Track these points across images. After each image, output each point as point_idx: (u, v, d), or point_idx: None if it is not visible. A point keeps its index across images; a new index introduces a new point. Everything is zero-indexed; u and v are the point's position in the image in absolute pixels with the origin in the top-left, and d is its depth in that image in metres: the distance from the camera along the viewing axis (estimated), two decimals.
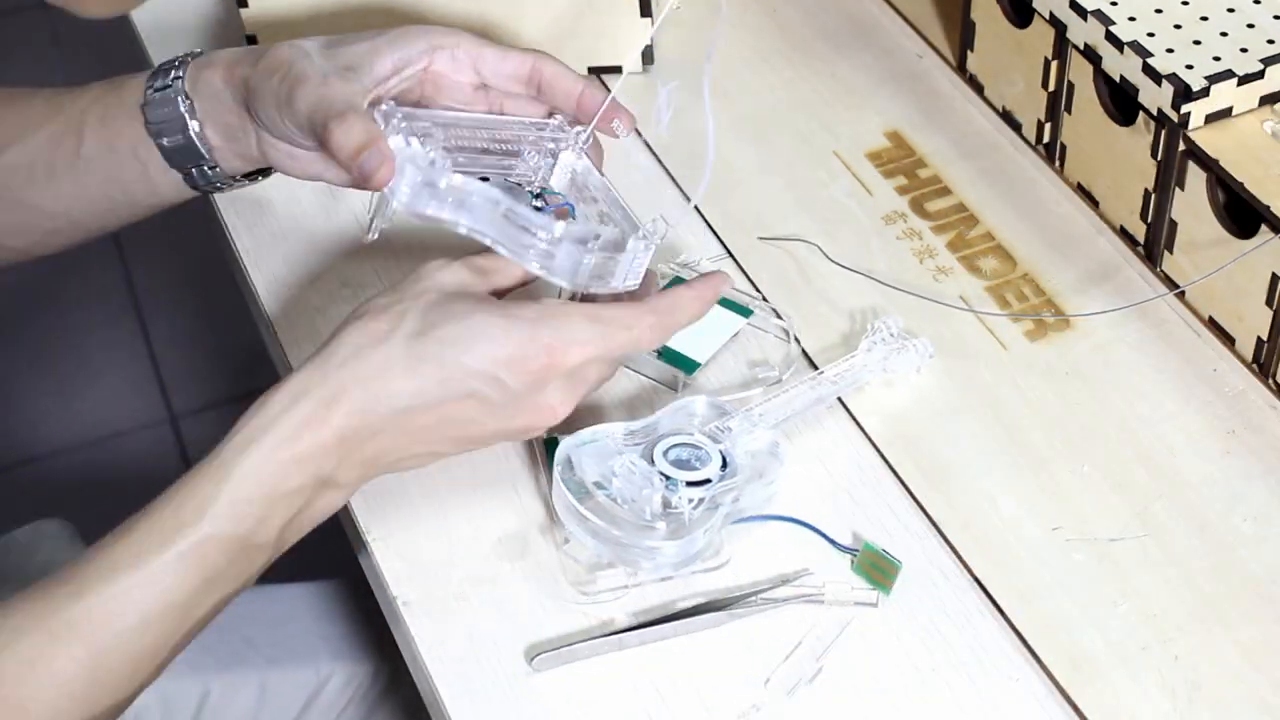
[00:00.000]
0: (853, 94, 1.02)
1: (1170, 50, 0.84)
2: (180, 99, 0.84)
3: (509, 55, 0.83)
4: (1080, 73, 0.90)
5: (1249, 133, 0.83)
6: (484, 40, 0.83)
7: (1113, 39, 0.85)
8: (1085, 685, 0.72)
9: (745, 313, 0.87)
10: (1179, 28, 0.85)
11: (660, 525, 0.73)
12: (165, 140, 0.85)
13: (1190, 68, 0.83)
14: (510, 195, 0.78)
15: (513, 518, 0.79)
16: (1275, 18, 0.86)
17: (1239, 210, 0.82)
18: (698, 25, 1.07)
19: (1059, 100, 0.93)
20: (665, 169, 0.97)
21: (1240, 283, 0.83)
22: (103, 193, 0.88)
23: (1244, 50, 0.84)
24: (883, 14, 1.07)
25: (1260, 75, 0.83)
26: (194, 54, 0.86)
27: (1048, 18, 0.90)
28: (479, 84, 0.84)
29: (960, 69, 1.02)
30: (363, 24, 1.00)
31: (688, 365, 0.84)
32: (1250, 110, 0.84)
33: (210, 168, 0.86)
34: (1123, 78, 0.86)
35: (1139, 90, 0.85)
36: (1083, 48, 0.88)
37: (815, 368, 0.85)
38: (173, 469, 0.83)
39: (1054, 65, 0.92)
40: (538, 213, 0.78)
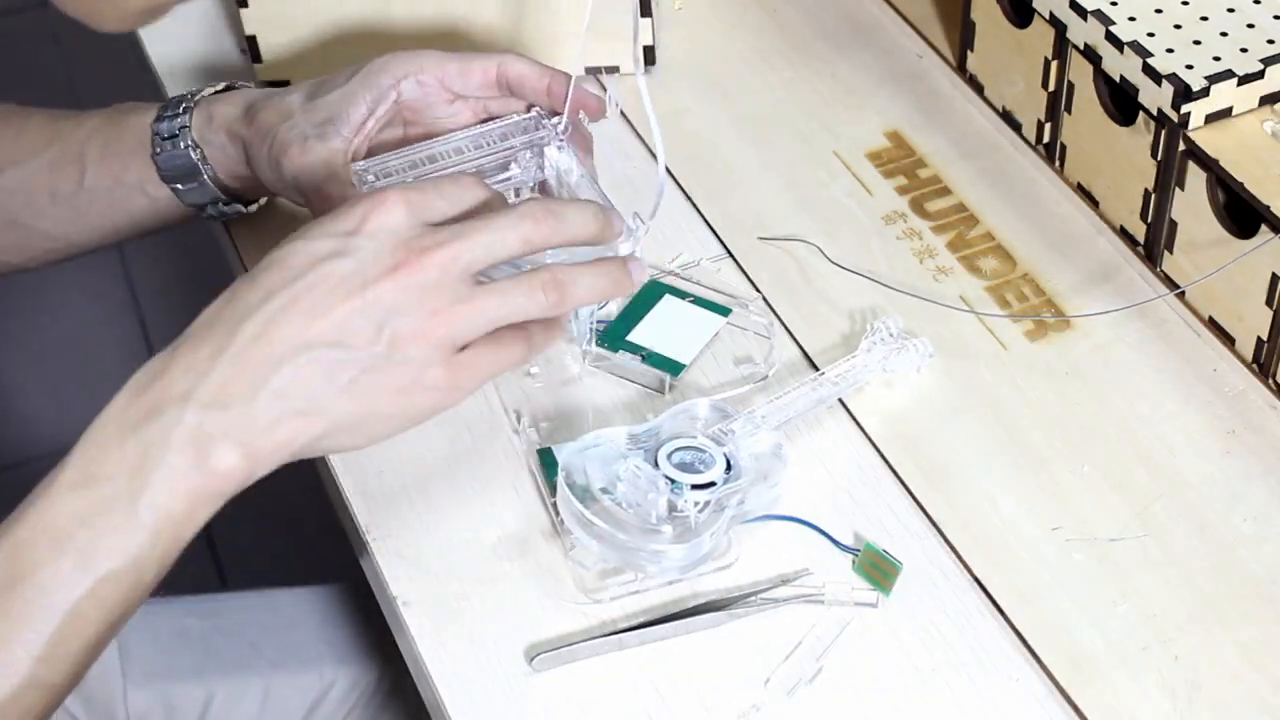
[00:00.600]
0: (853, 94, 1.02)
1: (1170, 50, 0.84)
2: (191, 150, 0.85)
3: (472, 65, 0.84)
4: (1080, 73, 0.90)
5: (1249, 133, 0.83)
6: (445, 55, 0.84)
7: (1113, 39, 0.85)
8: (1085, 685, 0.72)
9: (724, 312, 0.87)
10: (1179, 28, 0.85)
11: (666, 529, 0.73)
12: (182, 186, 0.86)
13: (1190, 68, 0.83)
14: None
15: (513, 518, 0.79)
16: (1275, 18, 0.86)
17: (1239, 210, 0.82)
18: (698, 25, 1.07)
19: (1059, 100, 0.93)
20: (666, 169, 0.97)
21: (1240, 283, 0.83)
22: (106, 220, 0.89)
23: (1244, 50, 0.84)
24: (883, 14, 1.07)
25: (1260, 75, 0.83)
26: (192, 96, 0.87)
27: (1048, 18, 0.90)
28: (454, 98, 0.85)
29: (960, 69, 1.02)
30: (363, 23, 1.00)
31: (673, 367, 0.84)
32: (1250, 110, 0.84)
33: (226, 203, 0.88)
34: (1123, 78, 0.86)
35: (1139, 90, 0.85)
36: (1083, 48, 0.88)
37: (814, 367, 0.85)
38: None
39: (1054, 65, 0.92)
40: None
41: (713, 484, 0.74)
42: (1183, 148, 0.84)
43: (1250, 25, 0.85)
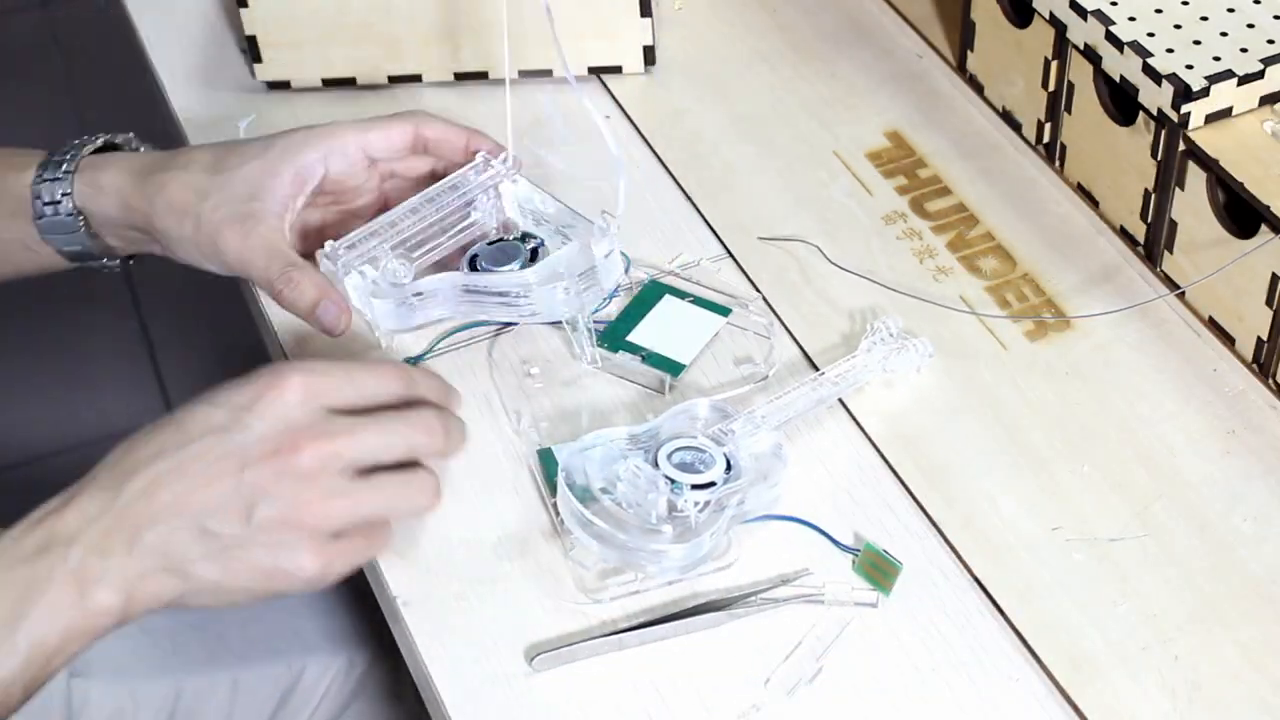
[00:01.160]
0: (853, 94, 1.02)
1: (1170, 50, 0.84)
2: (71, 218, 0.85)
3: (390, 129, 0.85)
4: (1080, 73, 0.90)
5: (1249, 133, 0.83)
6: (364, 124, 0.85)
7: (1113, 39, 0.85)
8: (1085, 685, 0.72)
9: (724, 312, 0.87)
10: (1179, 28, 0.85)
11: (666, 529, 0.73)
12: (63, 246, 0.86)
13: (1190, 68, 0.83)
14: (471, 269, 0.85)
15: (513, 518, 0.78)
16: (1275, 18, 0.86)
17: (1239, 210, 0.82)
18: (698, 25, 1.07)
19: (1059, 100, 0.93)
20: (666, 169, 0.97)
21: (1240, 283, 0.83)
22: None
23: (1244, 50, 0.84)
24: (883, 14, 1.07)
25: (1260, 75, 0.83)
26: (72, 157, 0.85)
27: (1048, 18, 0.90)
28: (369, 163, 0.86)
29: (960, 69, 1.02)
30: (364, 22, 1.00)
31: (673, 368, 0.84)
32: (1250, 110, 0.84)
33: (110, 259, 0.88)
34: (1123, 78, 0.86)
35: (1139, 90, 0.85)
36: (1083, 48, 0.88)
37: (814, 367, 0.85)
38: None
39: (1054, 65, 0.92)
40: (501, 274, 0.84)
41: (713, 484, 0.74)
42: (1183, 148, 0.84)
43: (1250, 25, 0.85)
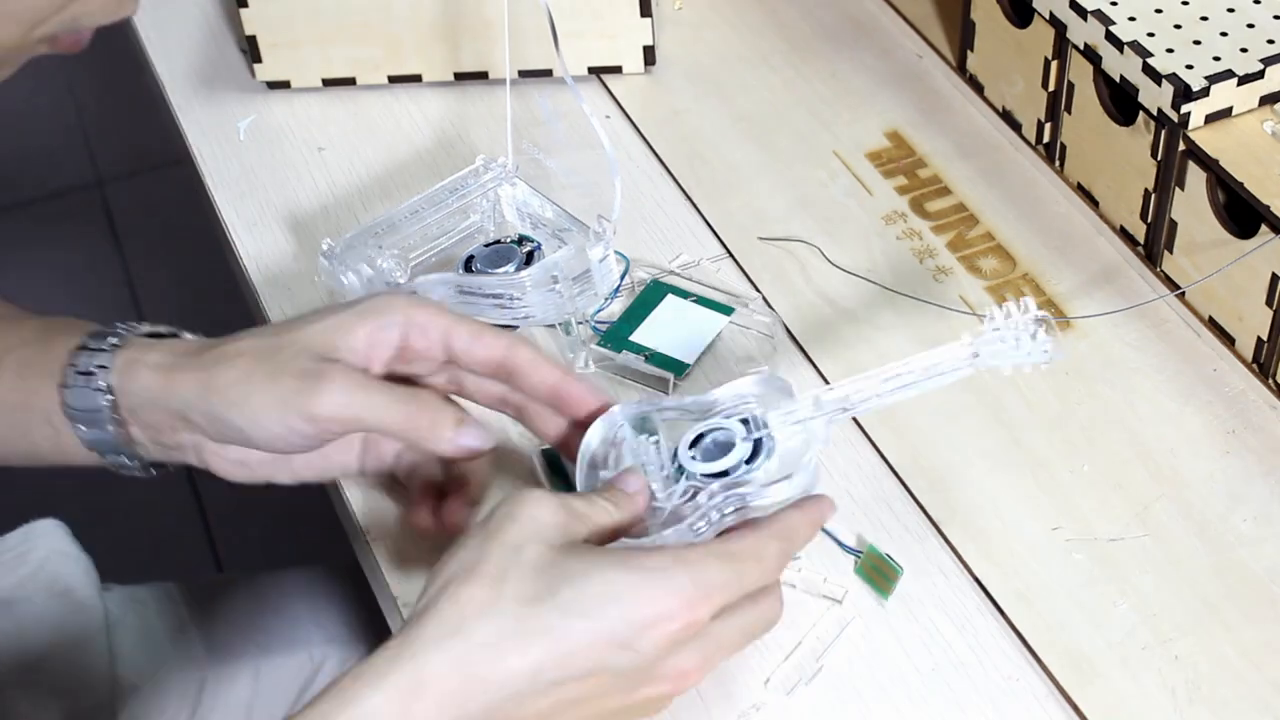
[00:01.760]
0: (853, 94, 1.02)
1: (1170, 50, 0.84)
2: (102, 395, 0.75)
3: (482, 336, 0.73)
4: (1080, 73, 0.90)
5: (1249, 133, 0.83)
6: (458, 316, 0.73)
7: (1113, 39, 0.85)
8: (1085, 685, 0.72)
9: (727, 311, 0.87)
10: (1179, 28, 0.85)
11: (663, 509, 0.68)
12: (83, 428, 0.76)
13: (1190, 68, 0.83)
14: (466, 271, 0.84)
15: None
16: (1275, 18, 0.86)
17: (1239, 210, 0.82)
18: (698, 25, 1.07)
19: (1059, 100, 0.93)
20: (666, 168, 0.97)
21: (1240, 283, 0.83)
22: (6, 443, 0.80)
23: (1244, 50, 0.84)
24: (883, 14, 1.07)
25: (1260, 75, 0.83)
26: (119, 334, 0.77)
27: (1048, 18, 0.90)
28: (446, 359, 0.74)
29: (960, 69, 1.02)
30: (364, 22, 1.00)
31: (677, 367, 0.84)
32: (1250, 110, 0.84)
33: (130, 458, 0.78)
34: (1123, 78, 0.86)
35: (1139, 90, 0.85)
36: (1083, 48, 0.88)
37: (814, 366, 0.85)
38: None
39: (1054, 65, 0.92)
40: (495, 276, 0.83)
41: (725, 473, 0.68)
42: (1183, 148, 0.84)
43: (1250, 25, 0.85)
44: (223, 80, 1.05)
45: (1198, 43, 0.84)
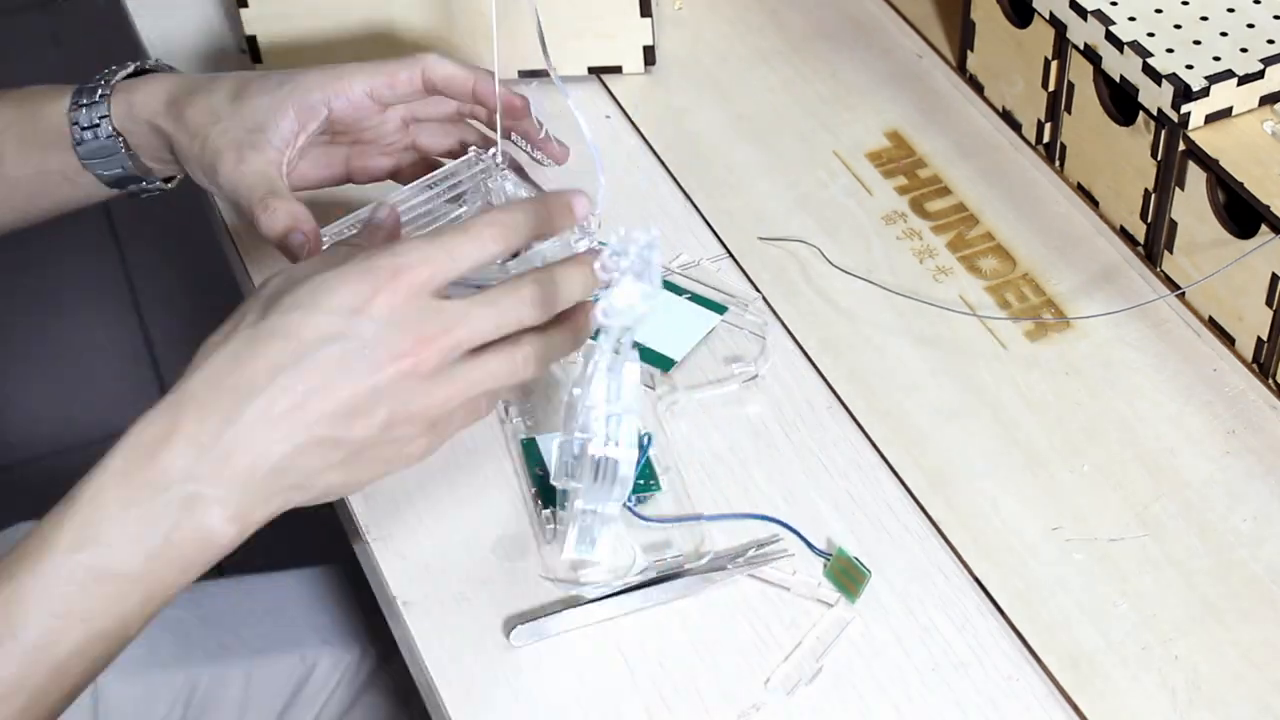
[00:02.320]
0: (853, 94, 1.02)
1: (1170, 50, 0.84)
2: (113, 139, 0.86)
3: (397, 74, 0.85)
4: (1080, 73, 0.90)
5: (1249, 133, 0.83)
6: (369, 68, 0.85)
7: (1113, 39, 0.85)
8: (1085, 685, 0.72)
9: (719, 309, 0.87)
10: (1179, 28, 0.85)
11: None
12: (103, 171, 0.87)
13: (1190, 68, 0.83)
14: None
15: (513, 518, 0.78)
16: (1275, 18, 0.86)
17: (1239, 210, 0.82)
18: (698, 25, 1.07)
19: (1059, 100, 0.93)
20: (666, 168, 0.97)
21: (1240, 283, 0.83)
22: (31, 205, 0.90)
23: (1244, 50, 0.84)
24: (883, 14, 1.07)
25: (1260, 75, 0.83)
26: (106, 82, 0.87)
27: (1048, 18, 0.90)
28: (383, 107, 0.86)
29: (960, 69, 1.02)
30: (364, 23, 1.00)
31: (663, 363, 0.84)
32: (1250, 110, 0.84)
33: (150, 182, 0.89)
34: (1123, 78, 0.86)
35: (1139, 90, 0.85)
36: (1083, 48, 0.88)
37: (814, 366, 0.85)
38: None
39: (1054, 65, 0.92)
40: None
41: None
42: (1183, 148, 0.84)
43: (1250, 25, 0.85)
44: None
45: (1198, 43, 0.84)
